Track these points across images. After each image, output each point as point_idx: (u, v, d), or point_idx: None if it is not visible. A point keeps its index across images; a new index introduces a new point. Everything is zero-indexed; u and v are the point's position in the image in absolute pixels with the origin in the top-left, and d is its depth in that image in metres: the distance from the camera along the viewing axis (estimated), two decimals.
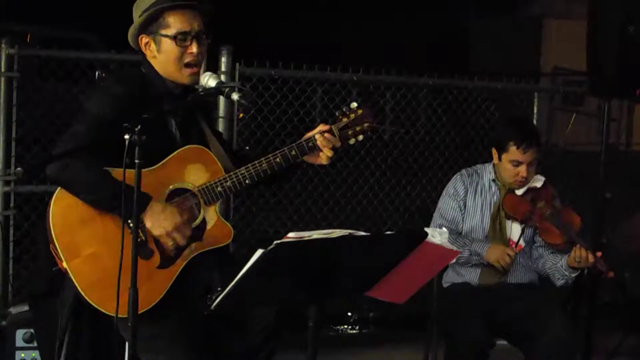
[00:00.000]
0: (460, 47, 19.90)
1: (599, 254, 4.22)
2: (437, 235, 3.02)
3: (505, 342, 4.42)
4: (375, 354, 5.86)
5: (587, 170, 6.93)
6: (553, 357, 4.08)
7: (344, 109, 3.52)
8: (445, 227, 4.42)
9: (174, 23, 3.42)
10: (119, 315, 3.05)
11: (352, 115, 3.51)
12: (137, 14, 3.48)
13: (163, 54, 3.45)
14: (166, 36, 3.42)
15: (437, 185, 4.69)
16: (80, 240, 3.25)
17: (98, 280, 3.22)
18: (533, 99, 6.58)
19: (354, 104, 3.53)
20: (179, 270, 3.36)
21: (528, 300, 4.33)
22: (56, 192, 3.28)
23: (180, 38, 3.42)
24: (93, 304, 3.22)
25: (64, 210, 3.26)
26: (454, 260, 4.27)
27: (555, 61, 16.51)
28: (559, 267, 4.34)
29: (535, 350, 4.16)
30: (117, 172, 3.19)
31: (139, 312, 3.10)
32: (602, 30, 5.28)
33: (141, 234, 3.28)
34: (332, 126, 3.50)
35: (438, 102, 6.87)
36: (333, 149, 3.48)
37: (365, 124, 3.52)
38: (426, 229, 3.02)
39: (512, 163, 4.36)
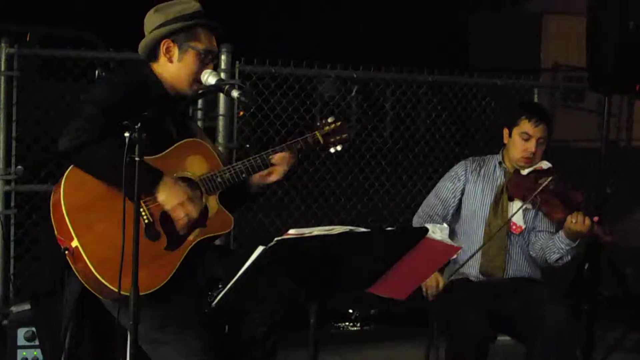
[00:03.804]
0: (460, 43, 19.90)
1: (596, 218, 4.25)
2: (437, 231, 3.02)
3: (506, 337, 4.42)
4: (377, 350, 5.86)
5: (587, 166, 6.94)
6: (553, 351, 4.08)
7: (323, 121, 3.75)
8: (434, 210, 4.48)
9: (205, 40, 3.57)
10: (126, 293, 3.05)
11: (333, 126, 3.73)
12: (164, 18, 3.55)
13: (183, 63, 3.55)
14: (195, 49, 3.53)
15: (437, 182, 4.70)
16: (91, 218, 3.29)
17: (109, 257, 3.22)
18: (533, 95, 6.58)
19: (331, 119, 3.75)
20: (185, 253, 3.42)
21: (528, 294, 4.33)
22: (67, 172, 3.31)
23: (205, 55, 3.55)
24: (104, 281, 3.23)
25: (75, 188, 3.30)
26: (455, 256, 4.27)
27: (555, 57, 16.50)
28: (555, 240, 4.35)
29: (536, 344, 4.15)
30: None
31: (147, 292, 3.20)
32: (602, 25, 5.28)
33: (149, 216, 3.35)
34: (316, 132, 3.70)
35: (438, 99, 6.87)
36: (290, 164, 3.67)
37: (344, 135, 3.75)
38: (427, 225, 3.03)
39: (522, 136, 4.41)
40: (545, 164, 4.49)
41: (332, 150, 3.74)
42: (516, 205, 4.44)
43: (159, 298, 3.29)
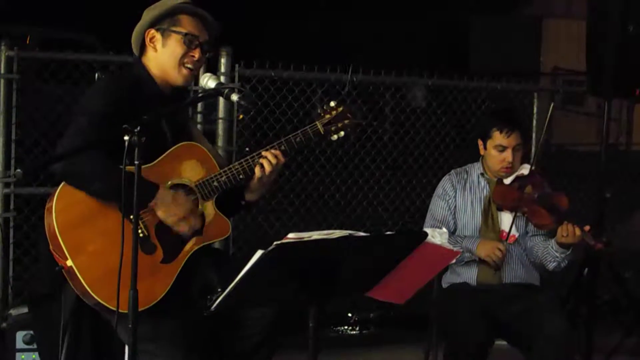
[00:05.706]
0: (460, 47, 19.92)
1: (586, 228, 4.25)
2: (437, 235, 3.02)
3: (504, 343, 4.42)
4: (376, 354, 5.86)
5: (587, 170, 6.94)
6: (550, 359, 4.08)
7: (324, 107, 3.62)
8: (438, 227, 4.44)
9: (187, 24, 3.53)
10: (123, 311, 3.03)
11: (334, 112, 3.60)
12: (152, 13, 3.55)
13: (167, 49, 3.52)
14: (177, 32, 3.50)
15: (436, 186, 4.70)
16: (84, 236, 3.25)
17: (103, 276, 3.20)
18: (533, 99, 6.58)
19: (333, 103, 3.62)
20: (182, 264, 3.38)
21: (526, 300, 4.33)
22: (57, 190, 3.27)
23: (189, 39, 3.51)
24: (100, 300, 3.21)
25: (66, 207, 3.26)
26: (453, 261, 4.27)
27: (555, 61, 16.53)
28: (549, 249, 4.36)
29: (533, 351, 4.15)
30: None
31: (144, 308, 3.14)
32: (602, 29, 5.29)
33: (144, 229, 3.30)
34: (317, 122, 3.58)
35: (438, 103, 6.86)
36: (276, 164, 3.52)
37: (347, 120, 3.61)
38: (426, 230, 3.03)
39: (497, 149, 4.40)
40: (525, 169, 4.48)
41: (334, 137, 3.61)
42: (505, 215, 4.44)
43: (152, 309, 3.25)
